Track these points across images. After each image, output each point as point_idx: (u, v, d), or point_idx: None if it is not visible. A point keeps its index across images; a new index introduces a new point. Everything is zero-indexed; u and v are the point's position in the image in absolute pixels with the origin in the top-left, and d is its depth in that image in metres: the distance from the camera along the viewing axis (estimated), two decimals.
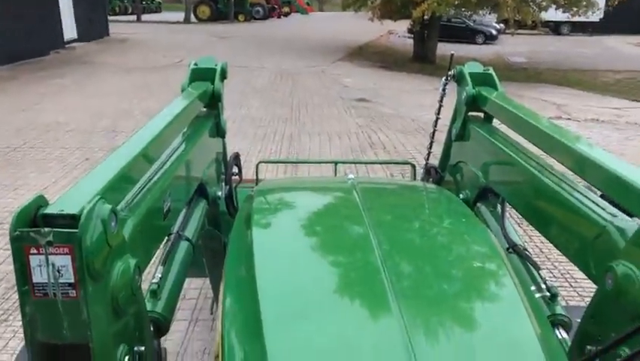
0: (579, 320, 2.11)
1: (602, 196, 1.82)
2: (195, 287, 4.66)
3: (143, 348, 1.47)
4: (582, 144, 1.90)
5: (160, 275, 1.91)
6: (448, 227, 2.11)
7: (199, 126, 2.60)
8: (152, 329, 1.73)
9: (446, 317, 1.41)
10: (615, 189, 1.62)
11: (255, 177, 3.36)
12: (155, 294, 1.84)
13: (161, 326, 1.81)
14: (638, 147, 9.19)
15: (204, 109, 2.77)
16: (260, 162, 3.29)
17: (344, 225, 1.99)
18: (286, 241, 1.88)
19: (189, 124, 2.53)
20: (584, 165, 1.80)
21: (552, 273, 4.77)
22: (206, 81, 2.76)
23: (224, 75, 2.85)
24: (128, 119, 10.00)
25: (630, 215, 1.63)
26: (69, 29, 21.01)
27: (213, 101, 2.76)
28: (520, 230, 4.07)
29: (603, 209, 1.70)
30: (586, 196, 1.82)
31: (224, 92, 2.90)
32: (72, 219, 1.17)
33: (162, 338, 1.86)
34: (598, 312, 1.56)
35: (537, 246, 4.89)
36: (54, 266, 1.16)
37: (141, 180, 1.79)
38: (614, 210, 1.68)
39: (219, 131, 2.87)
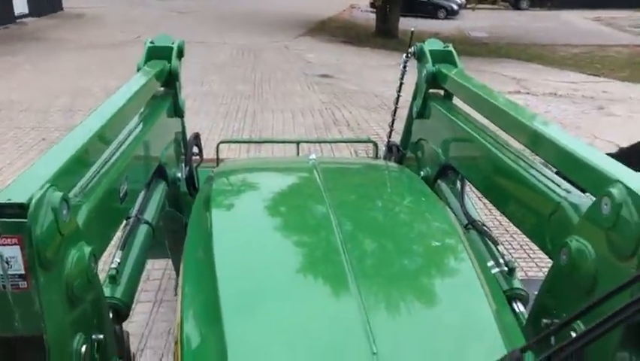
0: (536, 293, 2.17)
1: (557, 173, 1.85)
2: (159, 268, 4.62)
3: (101, 336, 1.44)
4: (538, 122, 1.93)
5: (119, 260, 1.88)
6: (407, 206, 2.13)
7: (156, 106, 2.54)
8: (111, 315, 1.71)
9: (404, 295, 1.42)
10: (569, 166, 1.65)
11: (215, 158, 3.32)
12: (114, 279, 1.81)
13: (121, 312, 1.79)
14: (593, 120, 9.42)
15: (161, 88, 2.71)
16: (221, 142, 3.25)
17: (304, 205, 1.99)
18: (245, 223, 1.86)
19: (146, 104, 2.47)
20: (539, 143, 1.83)
21: (511, 245, 4.88)
22: (163, 60, 2.70)
23: (181, 53, 2.78)
24: (86, 97, 9.72)
25: (583, 191, 1.67)
26: (19, 3, 20.21)
27: (170, 80, 2.70)
28: (481, 204, 4.15)
29: (558, 185, 1.73)
30: (542, 173, 1.86)
31: (184, 69, 2.84)
32: (20, 209, 1.13)
33: (125, 321, 1.83)
34: (553, 286, 1.60)
35: (497, 218, 4.99)
36: (2, 257, 1.12)
37: (96, 163, 1.74)
38: (569, 187, 1.71)
39: (177, 111, 2.82)
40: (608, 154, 1.90)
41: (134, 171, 2.06)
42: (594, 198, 1.51)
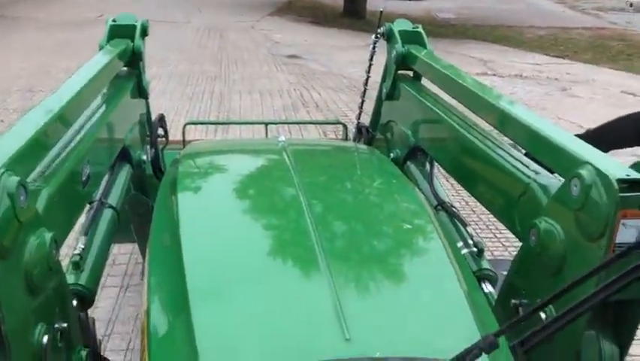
0: (504, 273, 2.20)
1: (526, 154, 1.86)
2: (125, 252, 4.54)
3: (65, 325, 1.40)
4: (506, 103, 1.93)
5: (82, 246, 1.83)
6: (377, 187, 2.12)
7: (119, 87, 2.47)
8: (75, 302, 1.66)
9: (376, 278, 1.41)
10: (538, 148, 1.66)
11: (182, 139, 3.25)
12: (77, 266, 1.76)
13: (86, 298, 1.74)
14: (558, 102, 9.57)
15: (124, 68, 2.63)
16: (187, 124, 3.19)
17: (273, 187, 1.96)
18: (213, 206, 1.83)
19: (109, 84, 2.39)
20: (508, 124, 1.83)
21: (477, 225, 4.94)
22: (126, 39, 2.61)
23: (144, 32, 2.70)
24: (47, 78, 9.41)
25: (552, 171, 1.69)
26: None
27: (134, 59, 2.62)
28: (448, 185, 4.18)
29: (527, 166, 1.74)
30: (510, 154, 1.86)
31: (148, 49, 2.76)
32: None
33: (92, 307, 1.79)
34: (522, 267, 1.61)
35: (464, 199, 5.04)
36: None
37: (56, 146, 1.68)
38: (537, 168, 1.72)
39: (141, 92, 2.74)
40: (575, 135, 1.92)
41: (97, 154, 2.00)
42: (563, 180, 1.52)
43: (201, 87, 9.63)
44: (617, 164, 1.37)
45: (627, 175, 1.30)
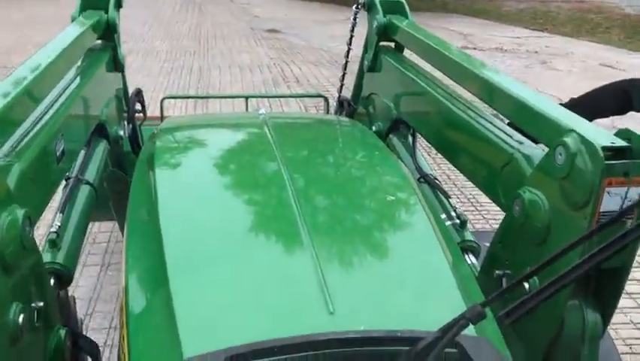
0: (487, 244, 2.20)
1: (509, 124, 1.85)
2: (105, 230, 4.48)
3: (41, 304, 1.36)
4: (490, 73, 1.91)
5: (59, 223, 1.78)
6: (360, 160, 2.10)
7: (94, 60, 2.39)
8: (53, 281, 1.62)
9: (358, 249, 1.40)
10: (522, 117, 1.64)
11: (160, 115, 3.19)
12: (54, 244, 1.72)
13: (64, 277, 1.70)
14: (537, 75, 9.60)
15: (99, 41, 2.55)
16: (165, 98, 3.11)
17: (254, 161, 1.92)
18: (190, 181, 1.79)
19: (82, 57, 2.32)
20: (491, 94, 1.81)
21: (459, 198, 4.96)
22: (100, 10, 2.53)
23: (119, 4, 2.62)
24: (22, 54, 9.19)
25: (536, 142, 1.67)
26: None
27: (108, 32, 2.54)
28: (430, 159, 4.18)
29: (510, 137, 1.73)
30: (494, 125, 1.84)
31: (124, 24, 2.68)
32: None
33: (73, 286, 1.75)
34: (506, 238, 1.61)
35: (445, 173, 5.05)
36: None
37: (28, 120, 1.61)
38: (521, 138, 1.71)
39: (117, 66, 2.66)
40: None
41: (72, 129, 1.94)
42: (547, 150, 1.50)
43: (180, 62, 9.48)
44: (602, 131, 1.36)
45: (612, 143, 1.29)
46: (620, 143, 1.29)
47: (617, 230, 1.15)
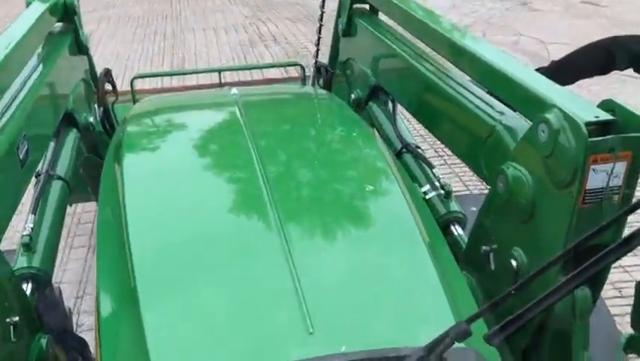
0: (473, 209, 2.17)
1: (488, 93, 1.78)
2: (89, 210, 4.41)
3: (16, 318, 1.32)
4: (469, 40, 1.83)
5: (32, 225, 1.72)
6: (335, 139, 2.04)
7: (55, 45, 2.28)
8: (30, 287, 1.58)
9: (338, 254, 1.35)
10: (503, 89, 1.58)
11: (131, 91, 3.07)
12: (28, 248, 1.66)
13: (41, 281, 1.65)
14: (519, 17, 9.43)
15: (58, 24, 2.43)
16: (135, 77, 3.01)
17: (226, 145, 1.86)
18: (162, 168, 1.73)
19: (43, 44, 2.20)
20: (470, 63, 1.74)
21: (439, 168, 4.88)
22: None
23: None
24: None
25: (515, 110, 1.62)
26: None
27: (67, 13, 2.41)
28: (410, 127, 4.08)
29: (492, 107, 1.67)
30: (474, 94, 1.78)
31: None
32: None
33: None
34: (491, 213, 1.57)
35: (420, 135, 4.96)
36: None
37: None
38: (503, 108, 1.65)
39: (81, 48, 2.55)
40: (537, 69, 1.84)
41: (37, 123, 1.85)
42: (529, 120, 1.45)
43: (152, 28, 9.20)
44: (584, 104, 1.30)
45: (596, 117, 1.24)
46: (604, 116, 1.24)
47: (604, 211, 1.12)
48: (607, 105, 1.28)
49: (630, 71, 2.03)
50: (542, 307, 0.76)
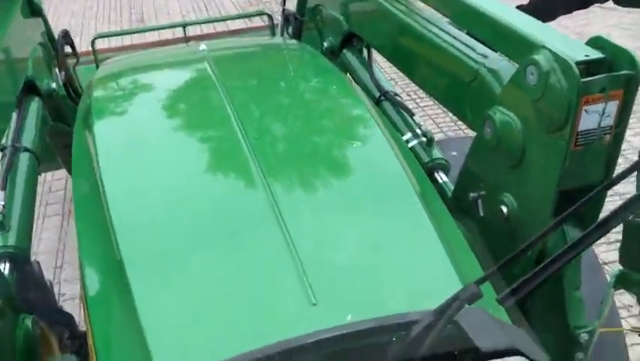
0: (454, 153, 2.14)
1: (468, 33, 1.72)
2: (59, 177, 4.30)
3: None
4: None
5: (3, 202, 1.65)
6: (312, 87, 1.98)
7: (5, 9, 2.13)
8: (8, 266, 1.52)
9: (331, 216, 1.31)
10: (486, 31, 1.53)
11: (92, 52, 2.93)
12: (2, 226, 1.59)
13: (19, 259, 1.59)
14: None
15: None
16: (96, 37, 2.86)
17: (199, 104, 1.79)
18: (133, 133, 1.66)
19: None
20: (450, 6, 1.67)
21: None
22: None
23: None
24: None
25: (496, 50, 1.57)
26: None
27: None
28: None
29: (473, 50, 1.61)
30: (454, 36, 1.72)
31: None
32: None
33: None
34: (478, 159, 1.54)
35: (392, 78, 4.88)
36: None
37: None
38: (485, 50, 1.59)
39: (34, 10, 2.39)
40: (518, 7, 1.78)
41: None
42: (513, 62, 1.41)
43: None
44: (574, 43, 1.26)
45: (586, 56, 1.20)
46: (595, 55, 1.20)
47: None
48: (595, 43, 1.24)
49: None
50: (555, 268, 0.74)
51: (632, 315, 2.38)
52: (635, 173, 1.22)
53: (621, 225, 1.37)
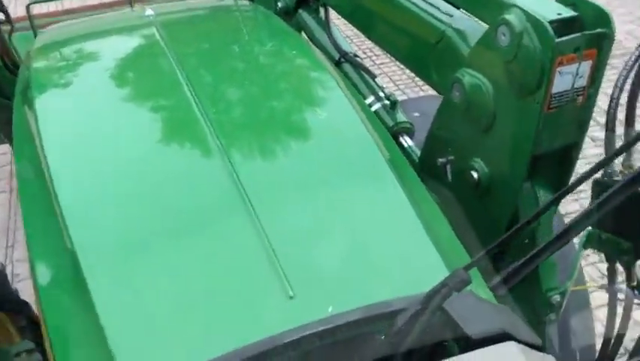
0: (416, 114, 2.10)
1: None
2: (3, 152, 4.09)
3: None
4: None
5: None
6: (265, 50, 1.88)
7: None
8: None
9: (289, 159, 1.25)
10: None
11: (27, 17, 2.73)
12: None
13: None
14: None
15: None
16: (32, 2, 2.66)
17: (150, 72, 1.68)
18: (83, 105, 1.54)
19: None
20: None
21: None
22: None
23: None
24: None
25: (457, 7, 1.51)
26: None
27: None
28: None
29: (438, 9, 1.54)
30: None
31: None
32: None
33: None
34: (447, 124, 1.49)
35: (348, 36, 4.77)
36: None
37: None
38: (449, 8, 1.53)
39: None
40: None
41: None
42: (481, 21, 1.36)
43: None
44: (544, 1, 1.20)
45: (559, 14, 1.15)
46: (567, 13, 1.15)
47: None
48: (567, 0, 1.20)
49: None
50: (546, 256, 0.70)
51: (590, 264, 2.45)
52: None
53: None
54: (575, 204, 3.10)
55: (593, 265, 2.39)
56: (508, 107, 1.26)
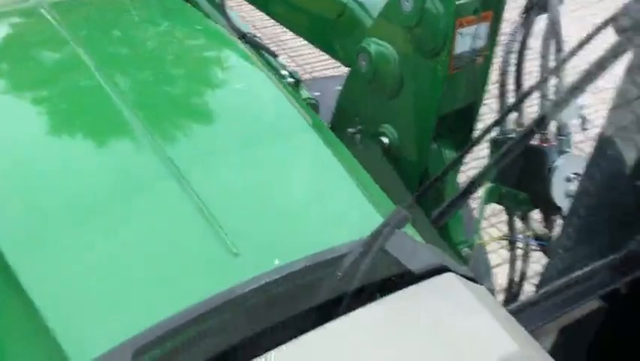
0: (317, 93, 2.13)
1: None
2: None
3: None
4: None
5: None
6: (173, 30, 1.82)
7: None
8: None
9: (201, 120, 1.24)
10: None
11: None
12: None
13: None
14: None
15: None
16: None
17: (54, 65, 1.57)
18: None
19: None
20: None
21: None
22: None
23: None
24: None
25: None
26: None
27: None
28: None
29: None
30: None
31: None
32: None
33: None
34: (354, 94, 1.54)
35: (241, 15, 4.74)
36: None
37: None
38: None
39: None
40: None
41: None
42: None
43: None
44: None
45: None
46: None
47: None
48: None
49: None
50: (475, 190, 0.75)
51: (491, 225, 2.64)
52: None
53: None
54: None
55: (493, 226, 2.61)
56: (414, 72, 1.32)
